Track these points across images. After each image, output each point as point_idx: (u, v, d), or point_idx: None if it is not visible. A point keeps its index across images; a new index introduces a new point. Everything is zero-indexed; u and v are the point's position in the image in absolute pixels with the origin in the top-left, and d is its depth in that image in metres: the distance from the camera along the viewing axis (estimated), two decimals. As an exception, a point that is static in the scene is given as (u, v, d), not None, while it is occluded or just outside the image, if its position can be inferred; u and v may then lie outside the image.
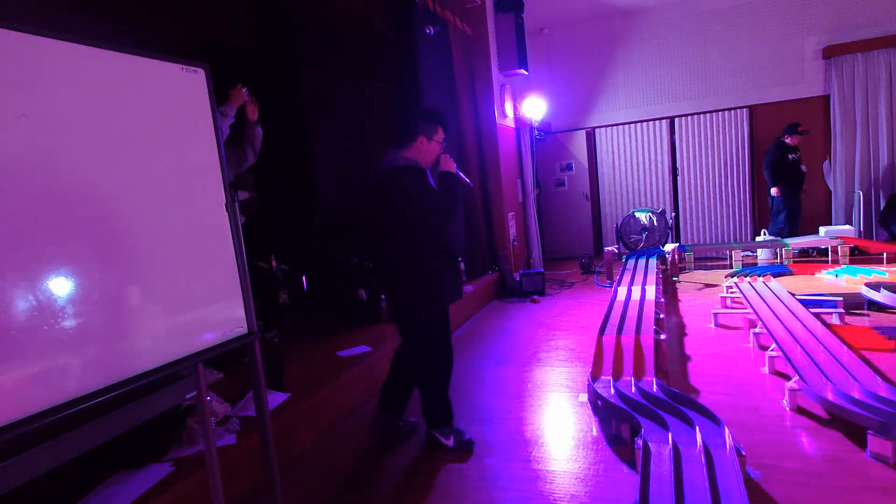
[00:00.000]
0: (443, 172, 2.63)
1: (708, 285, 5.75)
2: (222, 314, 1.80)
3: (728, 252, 6.72)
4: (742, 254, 6.51)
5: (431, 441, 2.72)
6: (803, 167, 6.71)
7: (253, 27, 6.02)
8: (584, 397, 3.12)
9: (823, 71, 7.11)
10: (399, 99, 5.77)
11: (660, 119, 7.94)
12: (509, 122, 7.06)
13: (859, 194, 6.90)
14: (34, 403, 1.26)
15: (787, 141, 6.62)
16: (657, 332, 3.52)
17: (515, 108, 7.16)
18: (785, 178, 6.67)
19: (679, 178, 7.94)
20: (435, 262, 2.59)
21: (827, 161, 7.26)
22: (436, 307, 2.64)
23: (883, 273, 5.14)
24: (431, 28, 5.59)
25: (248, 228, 2.52)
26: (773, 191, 6.74)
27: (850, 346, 3.13)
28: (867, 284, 4.32)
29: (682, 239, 7.96)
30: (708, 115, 7.66)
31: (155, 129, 1.61)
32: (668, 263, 6.32)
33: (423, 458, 2.64)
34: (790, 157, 6.62)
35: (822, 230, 6.41)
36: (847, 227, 6.46)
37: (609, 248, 6.65)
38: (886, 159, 6.96)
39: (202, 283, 1.74)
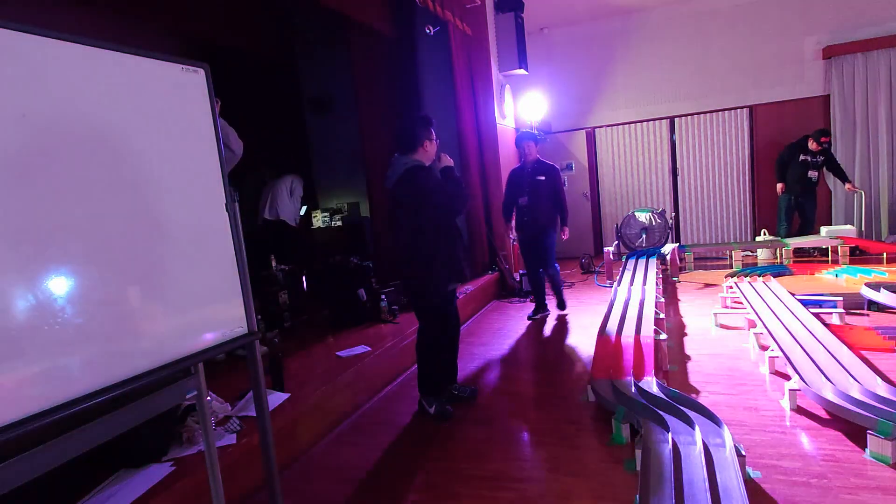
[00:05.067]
0: (445, 167, 3.00)
1: (708, 285, 5.75)
2: (222, 314, 1.80)
3: (728, 252, 6.72)
4: (742, 254, 6.51)
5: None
6: (812, 173, 6.60)
7: (253, 27, 6.03)
8: (584, 397, 3.12)
9: (823, 71, 7.11)
10: (399, 99, 5.78)
11: (660, 119, 7.93)
12: (509, 121, 7.06)
13: (860, 194, 6.90)
14: (34, 403, 1.26)
15: (809, 144, 6.53)
16: (657, 332, 3.52)
17: (515, 108, 7.16)
18: (788, 177, 6.67)
19: (679, 178, 7.93)
20: (453, 245, 2.98)
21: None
22: (454, 284, 3.06)
23: (883, 273, 5.14)
24: (431, 28, 5.59)
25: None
26: (778, 187, 6.75)
27: (850, 347, 3.13)
28: (867, 284, 4.32)
29: (682, 239, 7.95)
30: (708, 115, 7.66)
31: (154, 128, 1.61)
32: (668, 263, 6.32)
33: (423, 457, 2.64)
34: (801, 157, 6.57)
35: (823, 230, 6.41)
36: (847, 227, 6.46)
37: (609, 248, 6.64)
38: (886, 159, 6.96)
39: (202, 282, 1.73)
